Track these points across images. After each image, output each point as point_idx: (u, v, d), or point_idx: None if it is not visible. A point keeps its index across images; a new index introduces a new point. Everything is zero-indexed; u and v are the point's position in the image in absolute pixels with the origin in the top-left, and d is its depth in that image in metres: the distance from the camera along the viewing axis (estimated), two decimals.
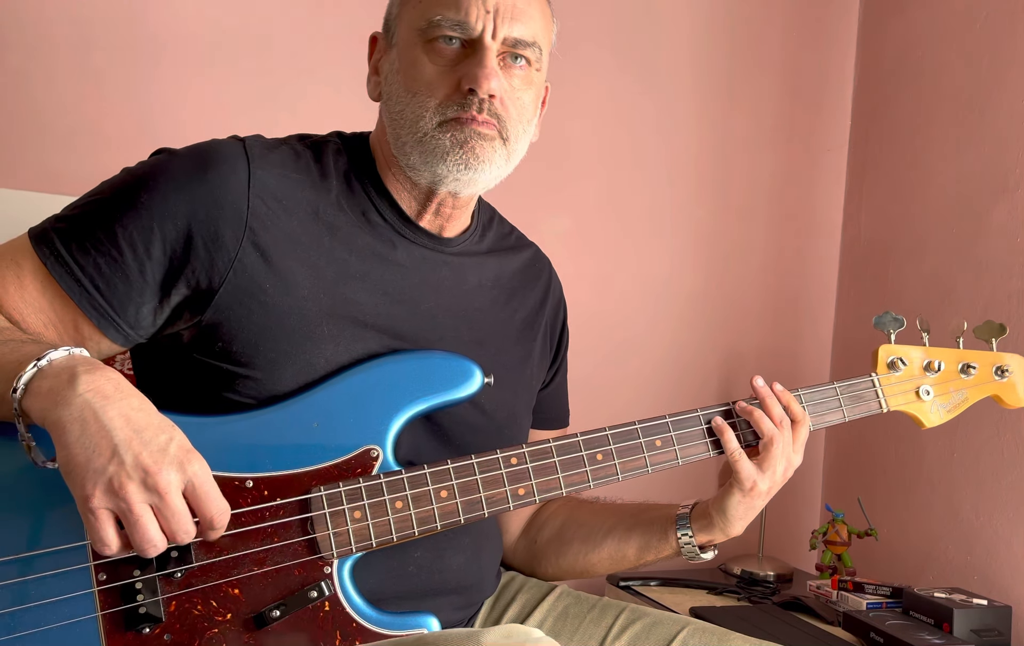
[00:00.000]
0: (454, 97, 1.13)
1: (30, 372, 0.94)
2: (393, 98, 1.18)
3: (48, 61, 1.82)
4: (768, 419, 1.23)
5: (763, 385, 1.25)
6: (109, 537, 0.92)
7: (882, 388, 1.33)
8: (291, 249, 1.12)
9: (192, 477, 0.93)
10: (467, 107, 1.12)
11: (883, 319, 1.35)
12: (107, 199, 1.09)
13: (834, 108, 2.48)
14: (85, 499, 0.90)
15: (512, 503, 1.13)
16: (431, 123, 1.14)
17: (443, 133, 1.14)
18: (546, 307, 1.38)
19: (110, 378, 0.94)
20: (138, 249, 1.07)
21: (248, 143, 1.14)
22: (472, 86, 1.12)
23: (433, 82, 1.14)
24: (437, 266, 1.23)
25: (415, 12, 1.16)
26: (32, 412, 0.93)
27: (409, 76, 1.15)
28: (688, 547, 1.30)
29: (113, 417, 0.91)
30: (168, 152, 1.13)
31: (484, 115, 1.13)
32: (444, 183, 1.17)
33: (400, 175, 1.21)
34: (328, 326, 1.13)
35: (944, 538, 2.11)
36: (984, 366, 1.37)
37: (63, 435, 0.91)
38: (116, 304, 1.08)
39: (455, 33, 1.13)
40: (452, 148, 1.13)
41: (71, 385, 0.92)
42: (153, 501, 0.92)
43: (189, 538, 0.95)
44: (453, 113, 1.13)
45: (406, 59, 1.16)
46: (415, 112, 1.14)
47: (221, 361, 1.10)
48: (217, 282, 1.09)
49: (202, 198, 1.08)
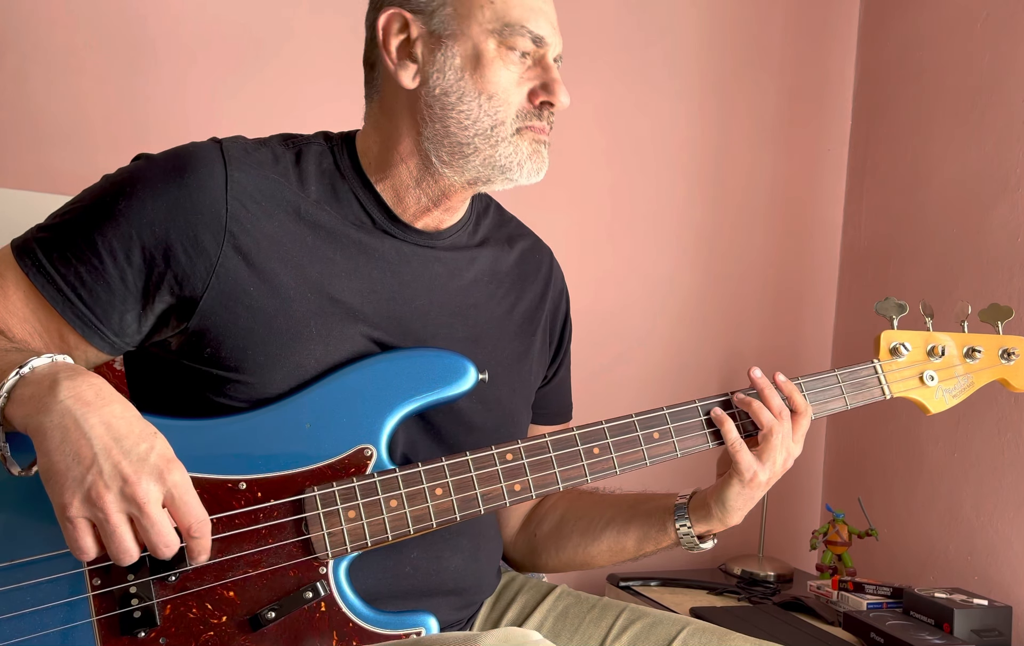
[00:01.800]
0: (528, 106, 1.16)
1: (12, 379, 0.95)
2: (455, 94, 1.15)
3: (48, 61, 1.82)
4: (767, 410, 1.22)
5: (761, 376, 1.24)
6: (86, 545, 0.92)
7: (884, 374, 1.30)
8: (273, 250, 1.12)
9: (172, 488, 0.93)
10: (542, 118, 1.18)
11: (885, 305, 1.32)
12: (87, 207, 1.09)
13: (834, 108, 2.48)
14: (63, 507, 0.91)
15: (508, 499, 1.13)
16: (511, 128, 1.16)
17: (522, 139, 1.17)
18: (547, 300, 1.36)
19: (92, 384, 0.94)
20: (118, 257, 1.07)
21: (225, 145, 1.13)
22: (550, 100, 1.16)
23: (511, 88, 1.15)
24: (429, 262, 1.22)
25: (486, 12, 1.15)
26: (15, 419, 0.94)
27: (485, 78, 1.15)
28: (687, 537, 1.29)
29: (94, 424, 0.91)
30: (146, 157, 1.13)
31: (549, 126, 1.19)
32: (498, 183, 1.19)
33: (405, 174, 1.19)
34: (316, 326, 1.12)
35: (944, 538, 2.11)
36: (990, 350, 1.34)
37: (44, 442, 0.91)
38: (99, 312, 1.08)
39: (534, 45, 1.16)
40: (531, 155, 1.17)
41: (52, 392, 0.92)
42: (131, 511, 0.92)
43: (169, 553, 0.94)
44: (531, 121, 1.17)
45: (479, 59, 1.15)
46: (494, 115, 1.15)
47: (210, 367, 1.10)
48: (200, 288, 1.09)
49: (179, 203, 1.08)
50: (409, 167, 1.19)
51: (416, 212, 1.21)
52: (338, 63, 1.98)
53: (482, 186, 1.20)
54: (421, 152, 1.18)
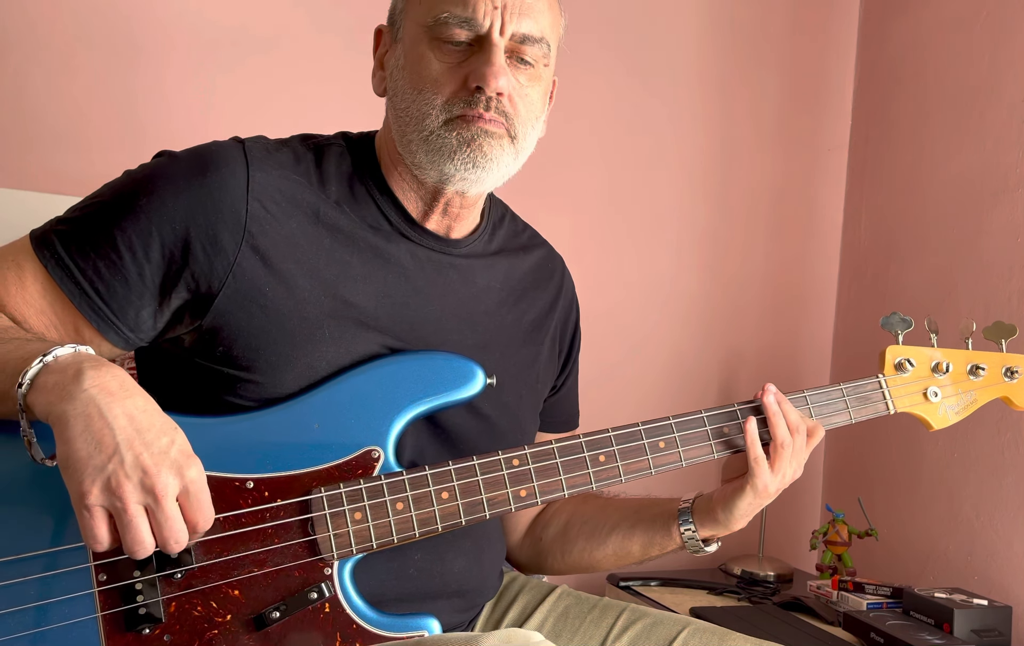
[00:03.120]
0: (460, 94, 1.11)
1: (36, 367, 0.94)
2: (398, 95, 1.16)
3: (48, 61, 1.81)
4: (784, 425, 1.22)
5: (772, 403, 1.22)
6: (101, 534, 0.92)
7: (889, 389, 1.32)
8: (291, 252, 1.12)
9: (189, 484, 0.93)
10: (474, 104, 1.11)
11: (891, 320, 1.34)
12: (107, 202, 1.09)
13: (834, 108, 2.48)
14: (82, 495, 0.90)
15: (514, 505, 1.13)
16: (437, 121, 1.12)
17: (449, 131, 1.12)
18: (557, 309, 1.36)
19: (116, 376, 0.94)
20: (137, 253, 1.07)
21: (248, 145, 1.14)
22: (479, 84, 1.10)
23: (439, 79, 1.12)
24: (443, 268, 1.22)
25: (421, 8, 1.14)
26: (36, 407, 0.94)
27: (415, 73, 1.14)
28: (691, 541, 1.29)
29: (117, 415, 0.91)
30: (168, 155, 1.13)
31: (491, 113, 1.11)
32: (451, 182, 1.15)
33: (406, 175, 1.19)
34: (329, 328, 1.12)
35: (944, 538, 2.11)
36: (993, 367, 1.36)
37: (66, 430, 0.91)
38: (116, 307, 1.08)
39: (462, 30, 1.11)
40: (459, 147, 1.11)
41: (77, 381, 0.92)
42: (148, 503, 0.92)
43: (178, 548, 0.94)
44: (459, 111, 1.11)
45: (412, 55, 1.15)
46: (421, 109, 1.13)
47: (222, 365, 1.10)
48: (216, 286, 1.09)
49: (200, 201, 1.08)
50: (400, 170, 1.20)
51: (421, 214, 1.21)
52: (337, 63, 1.98)
53: (448, 185, 1.16)
54: (400, 153, 1.19)
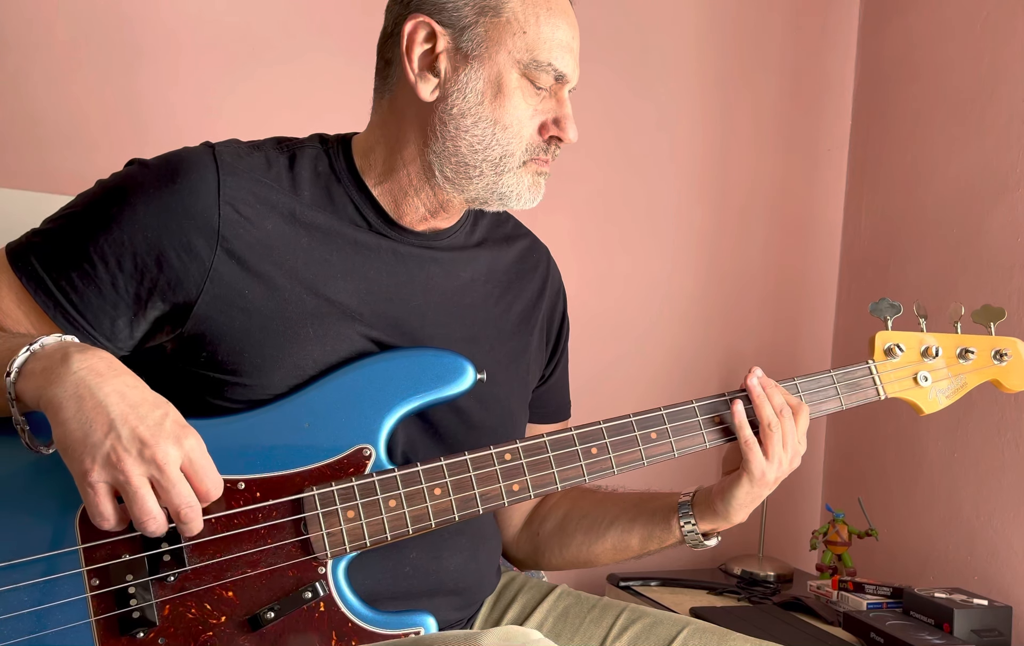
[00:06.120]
0: (537, 140, 1.17)
1: (23, 356, 0.96)
2: (469, 117, 1.15)
3: (48, 61, 1.82)
4: (769, 406, 1.22)
5: (756, 385, 1.23)
6: (107, 510, 0.93)
7: (879, 375, 1.31)
8: (267, 254, 1.12)
9: (189, 451, 0.94)
10: (549, 152, 1.19)
11: (879, 306, 1.33)
12: (80, 213, 1.10)
13: (834, 108, 2.48)
14: (84, 474, 0.91)
15: (507, 499, 1.13)
16: (518, 161, 1.17)
17: (526, 171, 1.18)
18: (544, 299, 1.36)
19: (103, 357, 0.95)
20: (110, 263, 1.07)
21: (218, 150, 1.14)
22: (561, 136, 1.18)
23: (524, 120, 1.16)
24: (425, 262, 1.22)
25: (518, 42, 1.14)
26: (26, 394, 0.95)
27: (502, 108, 1.15)
28: (691, 535, 1.28)
29: (108, 393, 0.92)
30: (139, 163, 1.13)
31: (553, 159, 1.21)
32: (490, 206, 1.20)
33: (401, 179, 1.19)
34: (313, 327, 1.12)
35: (944, 538, 2.11)
36: (983, 351, 1.35)
37: (59, 412, 0.92)
38: (90, 317, 1.08)
39: (555, 80, 1.16)
40: (532, 187, 1.19)
41: (65, 363, 0.93)
42: (152, 473, 0.92)
43: (193, 515, 0.95)
44: (537, 154, 1.18)
45: (500, 86, 1.15)
46: (505, 147, 1.16)
47: (207, 370, 1.10)
48: (194, 293, 1.09)
49: (172, 209, 1.08)
50: (410, 174, 1.19)
51: (413, 219, 1.21)
52: (337, 64, 1.98)
53: (478, 205, 1.21)
54: (424, 162, 1.18)
